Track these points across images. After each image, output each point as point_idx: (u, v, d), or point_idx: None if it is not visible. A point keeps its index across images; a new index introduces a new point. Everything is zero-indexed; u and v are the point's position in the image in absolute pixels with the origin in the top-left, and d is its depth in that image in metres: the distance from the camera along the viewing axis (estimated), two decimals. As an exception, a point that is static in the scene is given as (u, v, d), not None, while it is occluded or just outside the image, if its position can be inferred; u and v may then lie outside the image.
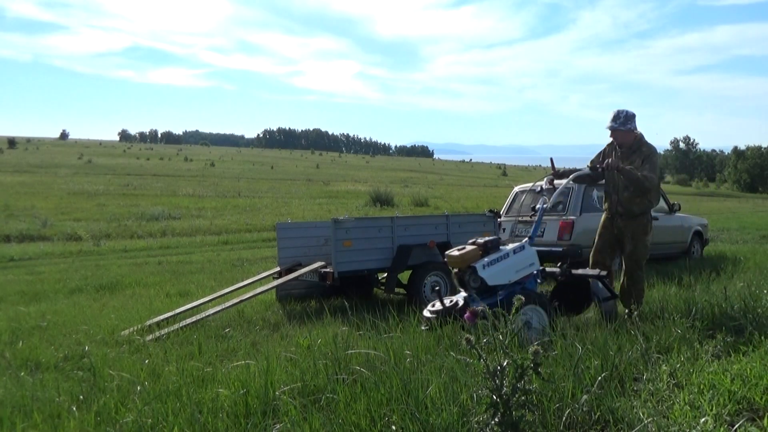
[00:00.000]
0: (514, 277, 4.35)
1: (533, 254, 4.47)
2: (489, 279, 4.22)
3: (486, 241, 4.41)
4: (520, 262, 4.37)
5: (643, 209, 5.24)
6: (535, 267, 4.47)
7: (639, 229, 5.22)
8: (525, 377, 2.55)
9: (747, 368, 3.32)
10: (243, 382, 3.30)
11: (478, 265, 4.21)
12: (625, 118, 5.23)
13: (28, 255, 13.28)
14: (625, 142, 5.29)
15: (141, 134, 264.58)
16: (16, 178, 35.48)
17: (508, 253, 4.33)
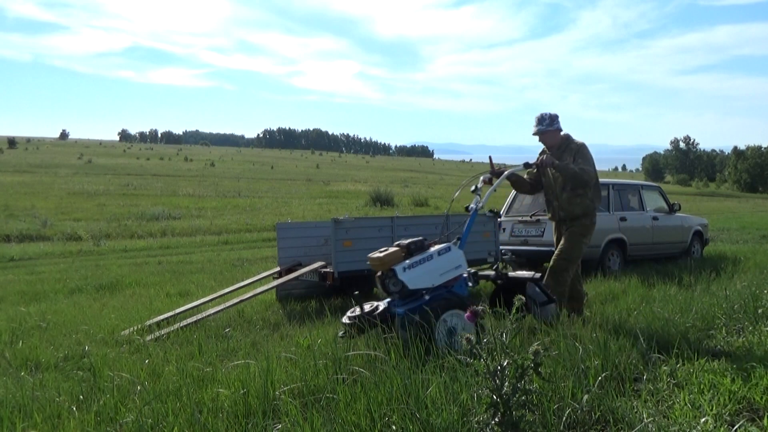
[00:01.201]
0: (439, 280, 4.10)
1: (460, 256, 4.23)
2: (410, 282, 3.97)
3: (410, 242, 4.18)
4: (445, 264, 4.13)
5: (585, 209, 5.03)
6: (462, 269, 4.24)
7: (580, 228, 5.01)
8: (525, 377, 2.55)
9: (747, 368, 3.32)
10: (243, 382, 3.30)
11: (398, 268, 3.97)
12: (549, 119, 5.13)
13: (28, 255, 13.29)
14: (554, 144, 5.17)
15: (141, 134, 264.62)
16: (16, 178, 35.48)
17: (432, 254, 4.10)
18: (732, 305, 4.77)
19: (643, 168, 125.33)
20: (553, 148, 5.15)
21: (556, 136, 5.16)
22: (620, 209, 9.09)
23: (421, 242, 4.20)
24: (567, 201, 5.05)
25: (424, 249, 4.15)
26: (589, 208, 5.03)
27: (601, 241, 8.58)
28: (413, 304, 3.97)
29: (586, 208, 5.02)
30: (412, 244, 4.16)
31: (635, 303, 5.56)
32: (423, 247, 4.16)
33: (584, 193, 5.02)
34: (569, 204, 5.05)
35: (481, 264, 7.67)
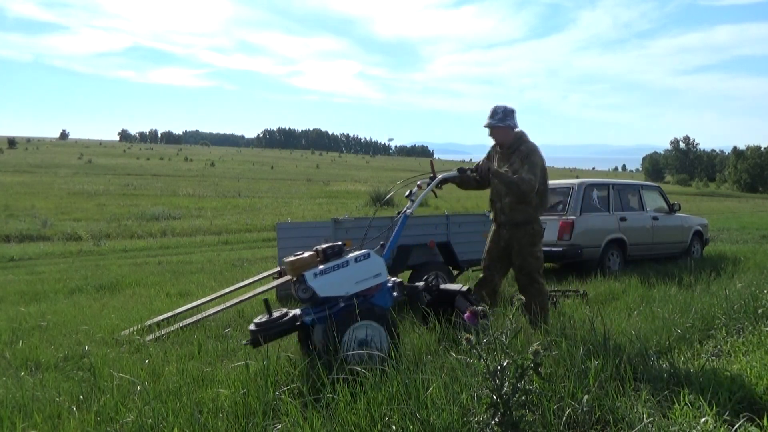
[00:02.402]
0: (354, 288, 3.84)
1: (379, 264, 3.96)
2: (320, 289, 3.75)
3: (326, 247, 3.95)
4: (361, 272, 3.86)
5: (527, 217, 4.68)
6: (381, 278, 3.96)
7: (525, 239, 4.66)
8: (525, 377, 2.55)
9: (747, 368, 3.32)
10: (243, 382, 3.30)
11: (308, 274, 3.75)
12: (503, 114, 4.69)
13: (28, 255, 13.29)
14: (505, 141, 4.74)
15: (141, 134, 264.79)
16: (16, 178, 35.48)
17: (348, 261, 3.86)
18: (732, 305, 4.77)
19: (643, 168, 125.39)
20: (504, 146, 4.76)
21: (507, 133, 4.72)
22: (620, 209, 9.09)
23: (339, 247, 3.96)
24: (509, 206, 4.70)
25: (341, 254, 3.92)
26: (532, 216, 4.68)
27: (601, 241, 8.59)
28: (324, 313, 3.77)
29: (528, 216, 4.66)
30: (329, 249, 3.92)
31: (635, 303, 5.57)
32: (340, 253, 3.93)
33: (528, 200, 4.64)
34: (511, 209, 4.69)
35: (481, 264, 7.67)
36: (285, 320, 3.83)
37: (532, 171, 4.51)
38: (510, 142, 4.71)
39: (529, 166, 4.53)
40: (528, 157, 4.58)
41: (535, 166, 4.55)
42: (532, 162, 4.56)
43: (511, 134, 4.71)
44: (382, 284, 3.99)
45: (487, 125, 4.72)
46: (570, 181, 9.29)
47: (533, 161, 4.56)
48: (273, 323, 3.81)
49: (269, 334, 3.79)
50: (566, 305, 5.60)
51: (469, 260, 7.37)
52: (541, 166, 4.63)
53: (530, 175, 4.49)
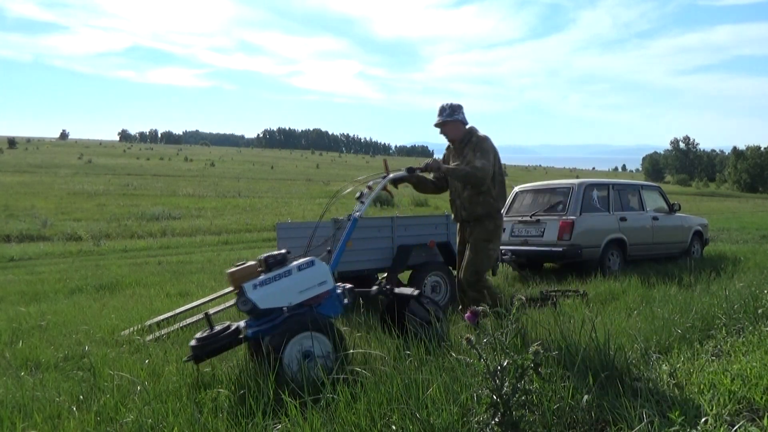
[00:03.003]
0: (298, 298, 3.69)
1: (324, 272, 3.80)
2: (260, 301, 3.58)
3: (269, 255, 3.79)
4: (305, 280, 3.71)
5: (487, 210, 4.59)
6: (327, 286, 3.80)
7: (482, 234, 4.57)
8: (525, 377, 2.55)
9: (747, 368, 3.32)
10: (243, 382, 3.30)
11: (248, 286, 3.59)
12: (450, 110, 4.66)
13: (28, 255, 13.29)
14: (456, 137, 4.70)
15: (141, 134, 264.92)
16: (16, 178, 35.48)
17: (290, 270, 3.71)
18: (732, 305, 4.76)
19: (643, 168, 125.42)
20: (456, 141, 4.71)
21: (457, 128, 4.68)
22: (620, 209, 9.09)
23: (283, 256, 3.81)
24: (468, 200, 4.63)
25: (285, 263, 3.77)
26: (493, 208, 4.60)
27: (601, 241, 8.59)
28: (266, 326, 3.62)
29: (489, 208, 4.59)
30: (271, 258, 3.77)
31: (635, 303, 5.57)
32: (284, 261, 3.78)
33: (487, 191, 4.57)
34: (470, 203, 4.62)
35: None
36: (227, 334, 3.67)
37: (484, 157, 4.46)
38: (461, 136, 4.68)
39: (481, 153, 4.49)
40: (479, 145, 4.54)
41: (487, 153, 4.50)
42: (484, 149, 4.52)
43: (462, 129, 4.68)
44: (329, 292, 3.84)
45: (436, 123, 4.70)
46: (570, 181, 9.29)
47: (484, 148, 4.52)
48: (214, 338, 3.63)
49: (211, 350, 3.61)
50: (566, 305, 5.61)
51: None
52: (494, 152, 4.56)
53: (482, 160, 4.44)
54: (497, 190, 4.62)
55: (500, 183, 4.64)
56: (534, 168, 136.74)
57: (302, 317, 3.60)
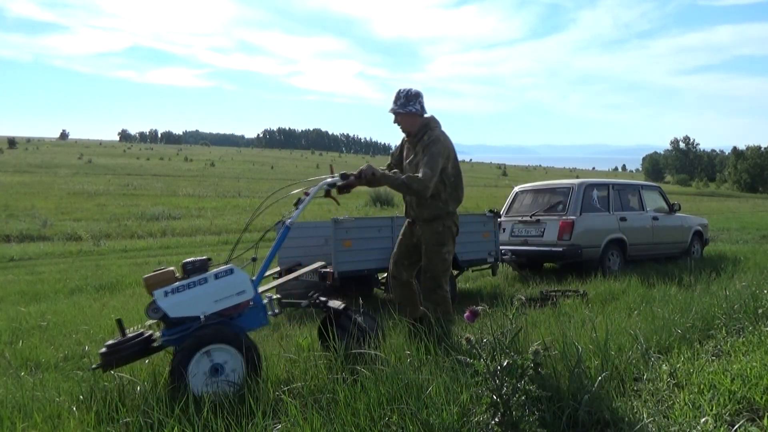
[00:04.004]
0: (213, 308, 3.47)
1: (244, 281, 3.57)
2: (171, 309, 3.40)
3: (187, 261, 3.59)
4: (221, 289, 3.50)
5: (435, 213, 4.22)
6: (245, 296, 3.57)
7: (432, 237, 4.24)
8: (525, 377, 2.55)
9: (747, 368, 3.32)
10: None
11: (158, 293, 3.40)
12: (405, 98, 4.20)
13: (28, 255, 13.28)
14: (411, 129, 4.26)
15: (141, 134, 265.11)
16: (16, 178, 35.49)
17: (206, 278, 3.51)
18: (732, 305, 4.76)
19: (643, 168, 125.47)
20: (410, 135, 4.29)
21: (412, 120, 4.23)
22: (620, 209, 9.10)
23: (203, 262, 3.61)
24: (416, 201, 4.28)
25: (205, 270, 3.57)
26: (441, 210, 4.22)
27: (601, 241, 8.59)
28: (177, 335, 3.43)
29: (437, 211, 4.21)
30: (189, 264, 3.56)
31: (635, 303, 5.57)
32: (203, 268, 3.58)
33: (436, 194, 4.17)
34: (418, 205, 4.28)
35: (481, 264, 7.68)
36: (137, 341, 3.48)
37: (429, 165, 4.01)
38: (416, 129, 4.24)
39: (427, 159, 4.04)
40: (428, 148, 4.09)
41: (434, 159, 4.04)
42: (432, 153, 4.06)
43: (417, 121, 4.23)
44: (251, 302, 3.62)
45: (391, 110, 4.28)
46: (570, 181, 9.29)
47: (432, 152, 4.06)
48: (124, 345, 3.44)
49: (119, 357, 3.41)
50: (566, 305, 5.61)
51: (469, 260, 7.38)
52: (445, 156, 4.13)
53: (426, 169, 4.00)
54: (448, 192, 4.23)
55: (453, 185, 4.26)
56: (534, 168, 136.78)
57: (212, 328, 3.38)
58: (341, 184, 4.02)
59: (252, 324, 3.68)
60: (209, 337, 3.34)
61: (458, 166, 4.32)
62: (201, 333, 3.34)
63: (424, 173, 3.99)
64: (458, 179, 4.31)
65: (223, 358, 3.37)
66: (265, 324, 3.78)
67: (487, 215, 7.68)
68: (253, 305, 3.65)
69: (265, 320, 3.75)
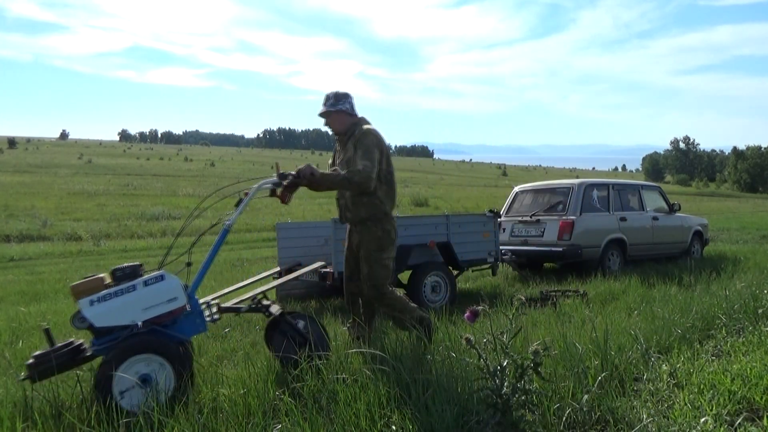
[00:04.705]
0: (142, 316, 3.33)
1: (175, 287, 3.43)
2: (97, 319, 3.27)
3: (116, 268, 3.46)
4: (151, 296, 3.37)
5: (372, 212, 4.05)
6: (177, 303, 3.43)
7: (372, 243, 4.05)
8: (525, 377, 2.55)
9: (747, 368, 3.32)
10: (243, 382, 3.30)
11: (84, 302, 3.27)
12: (335, 98, 4.16)
13: (28, 255, 13.28)
14: (341, 129, 4.20)
15: (141, 134, 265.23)
16: (16, 178, 35.48)
17: (135, 285, 3.37)
18: (732, 305, 4.77)
19: (643, 168, 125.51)
20: (341, 135, 4.22)
21: (342, 120, 4.18)
22: (620, 209, 9.10)
23: (133, 269, 3.47)
24: (352, 201, 4.12)
25: (136, 276, 3.43)
26: (379, 210, 4.06)
27: (601, 241, 8.59)
28: (104, 345, 3.32)
29: (374, 210, 4.06)
30: (119, 271, 3.43)
31: (635, 303, 5.57)
32: (134, 275, 3.44)
33: (373, 191, 4.04)
34: (354, 205, 4.12)
35: (481, 264, 7.68)
36: (64, 352, 3.39)
37: (366, 156, 3.93)
38: (345, 129, 4.19)
39: (363, 152, 3.96)
40: (360, 141, 4.02)
41: (369, 150, 3.95)
42: (366, 146, 3.97)
43: (346, 120, 4.19)
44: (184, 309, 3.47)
45: (320, 113, 4.23)
46: (570, 181, 9.29)
47: (366, 145, 3.98)
48: (50, 356, 3.34)
49: (46, 369, 3.30)
50: (566, 305, 5.61)
51: (469, 260, 7.38)
52: (379, 149, 4.02)
53: (365, 161, 3.91)
54: (385, 190, 4.09)
55: (388, 182, 4.11)
56: (534, 168, 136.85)
57: (140, 338, 3.26)
58: (286, 184, 3.91)
59: (188, 331, 3.55)
60: (136, 346, 3.22)
61: (391, 165, 4.18)
62: (127, 343, 3.23)
63: (363, 165, 3.88)
64: (392, 177, 4.17)
65: (151, 369, 3.24)
66: (203, 331, 3.64)
67: (487, 215, 7.68)
68: (189, 312, 3.51)
69: (203, 327, 3.62)
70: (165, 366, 3.25)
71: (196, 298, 3.62)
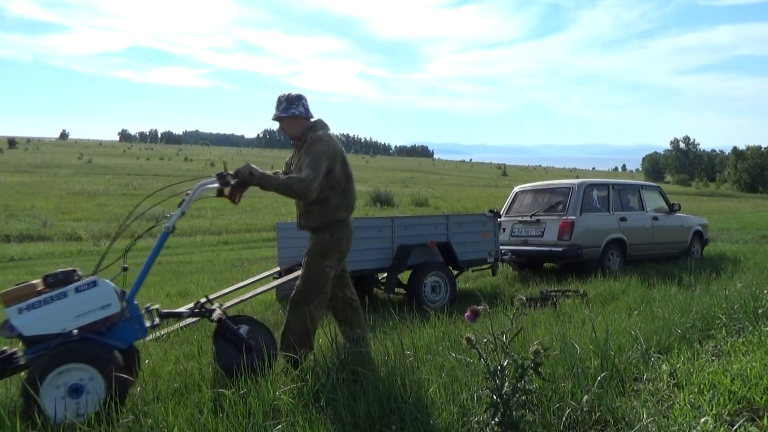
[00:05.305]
0: (73, 323, 3.21)
1: (109, 294, 3.34)
2: (26, 327, 3.17)
3: (48, 274, 3.37)
4: (82, 303, 3.25)
5: (323, 220, 3.89)
6: (111, 310, 3.32)
7: (315, 247, 3.89)
8: (525, 377, 2.55)
9: (747, 368, 3.32)
10: (243, 382, 3.30)
11: (11, 310, 3.16)
12: (287, 102, 3.97)
13: (28, 255, 13.28)
14: (295, 134, 4.01)
15: (141, 134, 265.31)
16: (16, 178, 35.49)
17: (66, 292, 3.26)
18: (732, 305, 4.77)
19: (643, 168, 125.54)
20: (296, 139, 4.04)
21: (296, 123, 3.99)
22: (620, 209, 9.10)
23: (66, 274, 3.38)
24: (304, 208, 3.96)
25: (69, 282, 3.34)
26: (330, 218, 3.89)
27: (601, 241, 8.59)
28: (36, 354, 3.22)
29: (325, 219, 3.88)
30: (51, 277, 3.33)
31: (635, 303, 5.57)
32: (67, 281, 3.35)
33: (324, 199, 3.85)
34: (306, 212, 3.95)
35: (481, 264, 7.68)
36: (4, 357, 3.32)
37: (311, 165, 3.74)
38: (300, 133, 4.00)
39: (309, 159, 3.78)
40: (308, 149, 3.85)
41: (316, 159, 3.76)
42: (314, 154, 3.79)
43: (300, 124, 3.99)
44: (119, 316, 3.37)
45: (273, 117, 4.05)
46: (570, 181, 9.30)
47: (315, 152, 3.79)
48: None
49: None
50: (566, 305, 5.61)
51: (469, 260, 7.38)
52: (329, 156, 3.82)
53: (308, 170, 3.73)
54: (338, 199, 3.90)
55: (343, 190, 3.93)
56: (534, 168, 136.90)
57: (69, 346, 3.14)
58: (234, 183, 3.80)
59: (126, 338, 3.44)
60: (65, 355, 3.10)
61: (349, 170, 4.01)
62: (57, 352, 3.12)
63: (306, 174, 3.72)
64: (349, 184, 3.99)
65: (81, 378, 3.11)
66: (142, 337, 3.55)
67: (487, 215, 7.68)
68: (127, 318, 3.43)
69: (142, 333, 3.52)
70: (95, 375, 3.12)
71: (135, 303, 3.53)
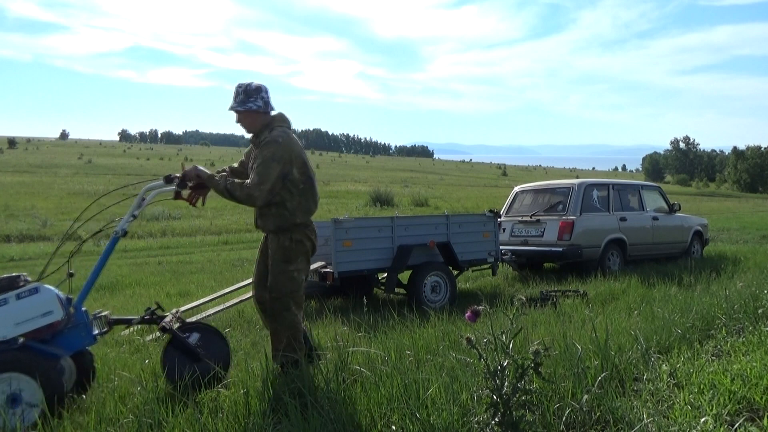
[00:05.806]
0: (13, 331, 3.15)
1: (51, 300, 3.27)
2: None
3: None
4: (24, 311, 3.19)
5: (279, 224, 3.68)
6: (53, 317, 3.25)
7: (278, 252, 3.68)
8: (525, 377, 2.55)
9: (747, 368, 3.32)
10: (243, 382, 3.30)
11: None
12: (244, 94, 3.70)
13: (28, 255, 13.28)
14: (252, 129, 3.78)
15: (141, 134, 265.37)
16: (16, 178, 35.49)
17: (7, 298, 3.20)
18: (732, 305, 4.76)
19: (643, 168, 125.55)
20: (253, 135, 3.81)
21: (253, 119, 3.74)
22: (620, 209, 9.10)
23: (10, 280, 3.33)
24: (259, 210, 3.77)
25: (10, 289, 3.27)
26: (288, 222, 3.68)
27: (601, 241, 8.59)
28: None
29: (282, 222, 3.68)
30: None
31: (635, 303, 5.57)
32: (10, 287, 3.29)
33: (281, 202, 3.66)
34: (261, 214, 3.77)
35: (481, 264, 7.68)
36: None
37: (258, 170, 3.54)
38: (257, 129, 3.77)
39: (258, 164, 3.56)
40: (261, 151, 3.62)
41: (265, 164, 3.54)
42: (264, 158, 3.56)
43: (258, 119, 3.74)
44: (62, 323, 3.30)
45: (230, 108, 3.79)
46: (570, 181, 9.30)
47: (265, 157, 3.56)
48: None
49: None
50: (566, 305, 5.61)
51: (469, 260, 7.38)
52: (283, 160, 3.60)
53: (254, 175, 3.54)
54: (296, 202, 3.69)
55: (302, 192, 3.72)
56: (534, 168, 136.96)
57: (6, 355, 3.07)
58: (191, 185, 3.74)
59: (72, 345, 3.37)
60: (2, 365, 3.04)
61: (309, 172, 3.81)
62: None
63: (251, 180, 3.53)
64: (309, 186, 3.78)
65: (18, 387, 3.04)
66: (90, 344, 3.49)
67: (487, 215, 7.68)
68: (72, 325, 3.35)
69: (89, 340, 3.45)
70: (32, 384, 3.06)
71: (84, 310, 3.47)
